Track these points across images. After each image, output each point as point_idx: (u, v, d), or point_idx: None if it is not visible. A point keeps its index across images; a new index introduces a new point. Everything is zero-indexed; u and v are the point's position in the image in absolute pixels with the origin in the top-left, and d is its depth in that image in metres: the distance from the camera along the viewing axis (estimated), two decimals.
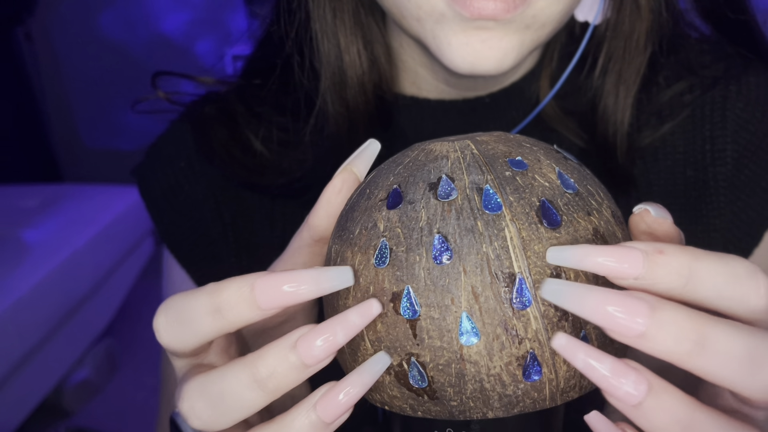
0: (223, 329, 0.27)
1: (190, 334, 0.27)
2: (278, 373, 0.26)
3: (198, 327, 0.27)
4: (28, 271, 1.44)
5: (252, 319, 0.27)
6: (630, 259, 0.24)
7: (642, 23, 0.46)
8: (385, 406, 0.29)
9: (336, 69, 0.47)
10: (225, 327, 0.27)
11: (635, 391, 0.24)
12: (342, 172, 0.32)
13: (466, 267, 0.26)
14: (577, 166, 0.30)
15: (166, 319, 0.28)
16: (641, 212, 0.28)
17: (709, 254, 0.25)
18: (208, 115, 0.54)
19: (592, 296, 0.24)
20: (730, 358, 0.24)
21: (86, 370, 1.75)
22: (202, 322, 0.27)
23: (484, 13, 0.38)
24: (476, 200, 0.27)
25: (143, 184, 0.55)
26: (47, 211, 1.65)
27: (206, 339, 0.28)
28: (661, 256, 0.24)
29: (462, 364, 0.26)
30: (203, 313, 0.27)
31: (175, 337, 0.28)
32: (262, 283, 0.26)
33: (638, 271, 0.24)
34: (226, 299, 0.26)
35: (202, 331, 0.27)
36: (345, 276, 0.26)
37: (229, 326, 0.27)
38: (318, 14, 0.46)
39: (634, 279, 0.24)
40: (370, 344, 0.28)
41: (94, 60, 2.58)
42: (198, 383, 0.27)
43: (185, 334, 0.27)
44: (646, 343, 0.23)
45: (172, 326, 0.28)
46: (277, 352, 0.26)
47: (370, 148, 0.33)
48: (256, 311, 0.26)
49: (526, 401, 0.27)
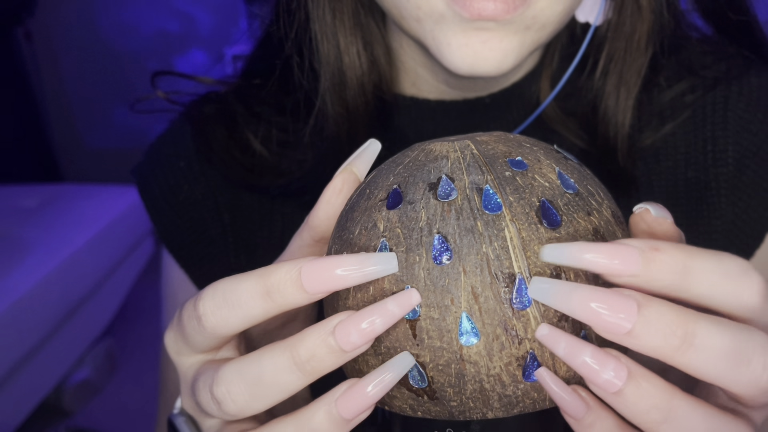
0: (271, 312, 0.28)
1: (239, 316, 0.28)
2: (317, 356, 0.26)
3: (247, 309, 0.28)
4: (28, 271, 1.44)
5: (299, 302, 0.27)
6: (625, 256, 0.24)
7: (643, 24, 0.46)
8: (385, 406, 0.29)
9: (335, 70, 0.47)
10: (273, 309, 0.27)
11: (616, 378, 0.24)
12: (342, 172, 0.32)
13: (465, 267, 0.26)
14: (577, 166, 0.30)
15: (214, 302, 0.28)
16: (641, 212, 0.28)
17: (703, 252, 0.25)
18: (207, 115, 0.53)
19: (579, 294, 0.24)
20: (716, 354, 0.24)
21: (86, 370, 1.75)
22: (251, 304, 0.27)
23: (484, 13, 0.38)
24: (476, 200, 0.27)
25: (142, 184, 0.55)
26: (47, 211, 1.65)
27: (254, 321, 0.28)
28: (657, 254, 0.24)
29: (462, 365, 0.26)
30: (252, 296, 0.27)
31: (223, 319, 0.28)
32: (310, 268, 0.27)
33: (634, 268, 0.24)
34: (275, 282, 0.27)
35: (251, 313, 0.28)
36: (390, 262, 0.26)
37: (277, 309, 0.27)
38: (317, 15, 0.46)
39: (630, 276, 0.24)
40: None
41: (94, 60, 2.59)
42: (235, 367, 0.28)
43: (234, 316, 0.28)
44: (633, 340, 0.24)
45: (220, 309, 0.28)
46: (318, 336, 0.26)
47: (371, 148, 0.33)
48: (303, 294, 0.27)
49: (525, 401, 0.27)
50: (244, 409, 0.28)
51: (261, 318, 0.28)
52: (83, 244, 1.55)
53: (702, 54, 0.51)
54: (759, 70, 0.50)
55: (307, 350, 0.26)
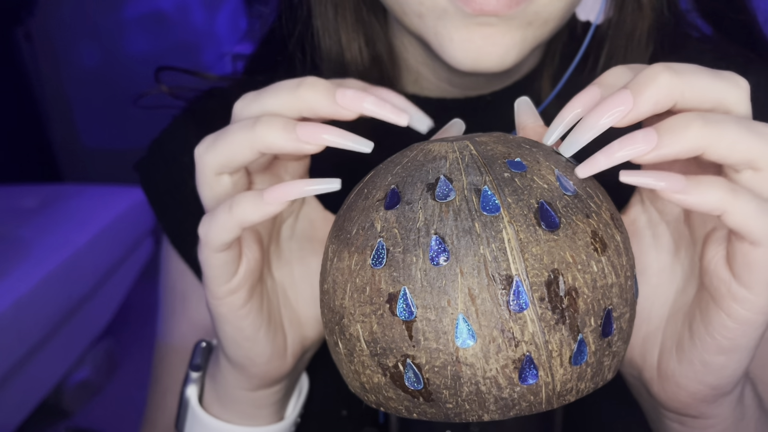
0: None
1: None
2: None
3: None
4: (28, 271, 1.44)
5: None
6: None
7: (644, 21, 0.46)
8: (381, 408, 0.29)
9: (337, 65, 0.47)
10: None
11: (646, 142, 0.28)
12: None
13: (463, 268, 0.26)
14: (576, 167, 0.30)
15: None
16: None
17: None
18: (210, 110, 0.53)
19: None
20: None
21: (86, 370, 1.75)
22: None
23: (486, 9, 0.38)
24: (474, 201, 0.27)
25: (146, 179, 0.55)
26: (47, 211, 1.65)
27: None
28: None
29: (458, 367, 0.26)
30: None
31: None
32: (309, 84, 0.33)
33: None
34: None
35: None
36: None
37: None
38: (319, 11, 0.46)
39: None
40: (365, 345, 0.28)
41: (94, 60, 2.58)
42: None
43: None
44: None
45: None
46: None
47: (455, 127, 0.35)
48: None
49: (522, 404, 0.26)
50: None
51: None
52: (83, 244, 1.55)
53: (701, 53, 0.50)
54: (758, 69, 0.50)
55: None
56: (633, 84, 0.28)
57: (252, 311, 0.36)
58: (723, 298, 0.30)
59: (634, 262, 0.30)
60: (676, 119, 0.28)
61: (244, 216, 0.32)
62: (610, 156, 0.28)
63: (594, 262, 0.27)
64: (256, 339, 0.37)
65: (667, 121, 0.28)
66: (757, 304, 0.29)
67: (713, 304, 0.31)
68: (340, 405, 0.48)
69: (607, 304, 0.27)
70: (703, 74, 0.29)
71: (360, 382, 0.29)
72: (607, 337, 0.28)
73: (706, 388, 0.33)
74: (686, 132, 0.27)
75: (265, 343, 0.37)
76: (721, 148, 0.27)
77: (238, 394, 0.40)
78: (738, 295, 0.29)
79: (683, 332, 0.33)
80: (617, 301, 0.28)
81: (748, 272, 0.29)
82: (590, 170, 0.28)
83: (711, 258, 0.31)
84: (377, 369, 0.28)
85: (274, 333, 0.38)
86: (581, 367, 0.27)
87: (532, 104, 0.34)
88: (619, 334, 0.28)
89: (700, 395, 0.33)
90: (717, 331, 0.31)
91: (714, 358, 0.32)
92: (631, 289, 0.29)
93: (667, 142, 0.27)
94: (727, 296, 0.30)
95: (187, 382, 0.43)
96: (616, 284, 0.28)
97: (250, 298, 0.36)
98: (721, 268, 0.30)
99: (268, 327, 0.37)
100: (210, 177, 0.34)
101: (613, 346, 0.28)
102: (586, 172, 0.28)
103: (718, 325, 0.31)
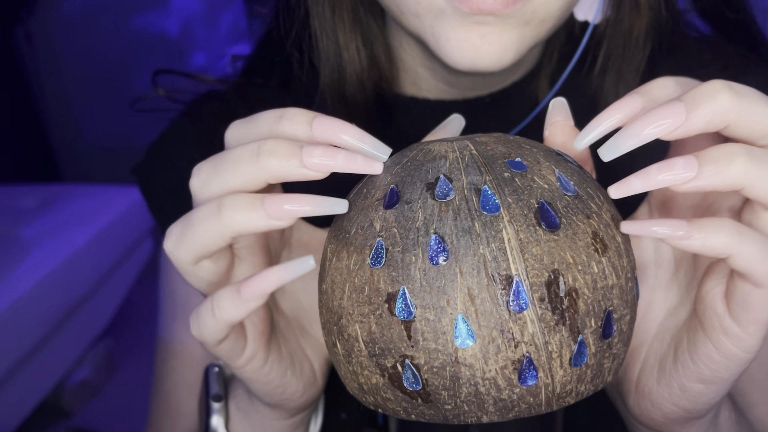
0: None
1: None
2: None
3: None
4: (28, 271, 1.44)
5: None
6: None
7: (641, 21, 0.46)
8: (379, 409, 0.29)
9: (335, 66, 0.47)
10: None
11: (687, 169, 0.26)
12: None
13: (462, 268, 0.25)
14: (577, 168, 0.30)
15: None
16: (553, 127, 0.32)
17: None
18: (209, 113, 0.53)
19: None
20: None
21: (86, 370, 1.75)
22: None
23: (483, 7, 0.37)
24: (474, 201, 0.26)
25: (144, 183, 0.55)
26: (47, 210, 1.65)
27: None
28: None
29: (457, 367, 0.26)
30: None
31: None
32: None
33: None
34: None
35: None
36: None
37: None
38: (317, 11, 0.46)
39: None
40: (364, 345, 0.27)
41: (94, 60, 2.58)
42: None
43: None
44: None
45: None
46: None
47: (455, 123, 0.34)
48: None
49: (521, 406, 0.26)
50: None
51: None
52: (83, 244, 1.55)
53: (700, 52, 0.50)
54: (757, 69, 0.50)
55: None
56: (688, 97, 0.27)
57: (274, 364, 0.35)
58: (714, 330, 0.30)
59: (635, 264, 0.29)
60: (721, 151, 0.26)
61: (229, 317, 0.31)
62: (647, 181, 0.27)
63: (594, 262, 0.27)
64: (286, 383, 0.36)
65: (710, 152, 0.27)
66: (747, 342, 0.29)
67: (702, 334, 0.31)
68: (339, 408, 0.48)
69: (607, 305, 0.27)
70: (763, 102, 0.27)
71: (358, 382, 0.29)
72: (608, 339, 0.27)
73: (680, 410, 0.33)
74: (729, 168, 0.26)
75: (296, 382, 0.37)
76: (758, 188, 0.27)
77: (275, 425, 0.40)
78: (730, 330, 0.29)
79: (668, 354, 0.33)
80: (618, 302, 0.28)
81: (745, 311, 0.29)
82: (624, 192, 0.27)
83: (710, 289, 0.30)
84: (375, 369, 0.28)
85: (300, 368, 0.37)
86: (581, 369, 0.27)
87: (567, 105, 0.33)
88: (619, 336, 0.28)
89: (673, 416, 0.33)
90: (701, 360, 0.31)
91: (693, 385, 0.32)
92: (631, 290, 0.29)
93: (707, 173, 0.26)
94: (719, 329, 0.30)
95: (210, 413, 0.42)
96: (616, 285, 0.28)
97: (268, 355, 0.35)
98: (718, 301, 0.30)
99: (293, 367, 0.37)
100: (189, 268, 0.32)
101: (614, 347, 0.28)
102: (619, 192, 0.27)
103: (703, 355, 0.30)
